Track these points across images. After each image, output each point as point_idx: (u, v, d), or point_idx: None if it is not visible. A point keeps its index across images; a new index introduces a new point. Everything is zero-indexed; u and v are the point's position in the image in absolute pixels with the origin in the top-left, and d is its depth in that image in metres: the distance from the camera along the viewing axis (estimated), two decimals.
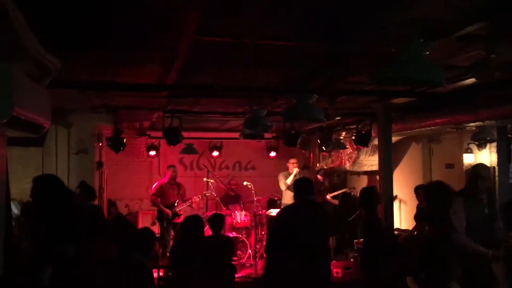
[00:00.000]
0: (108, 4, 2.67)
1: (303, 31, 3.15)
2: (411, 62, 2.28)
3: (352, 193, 9.36)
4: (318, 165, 10.24)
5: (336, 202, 8.93)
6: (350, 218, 8.45)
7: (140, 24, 3.10)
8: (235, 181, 9.98)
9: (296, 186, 4.72)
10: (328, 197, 8.97)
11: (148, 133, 9.81)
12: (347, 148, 8.57)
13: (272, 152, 10.43)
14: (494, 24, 2.89)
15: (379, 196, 5.42)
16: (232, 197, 9.73)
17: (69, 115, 7.26)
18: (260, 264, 7.84)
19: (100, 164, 8.54)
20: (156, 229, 8.47)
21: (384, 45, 2.40)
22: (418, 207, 6.25)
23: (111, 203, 9.52)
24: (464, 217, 4.31)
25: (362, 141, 7.07)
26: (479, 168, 4.65)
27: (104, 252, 4.85)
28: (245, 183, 9.47)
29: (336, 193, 9.03)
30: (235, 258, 8.08)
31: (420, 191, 6.53)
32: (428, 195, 4.76)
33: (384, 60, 2.60)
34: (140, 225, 9.75)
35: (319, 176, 9.34)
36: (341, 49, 3.62)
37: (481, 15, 2.77)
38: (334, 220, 8.94)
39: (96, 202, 7.65)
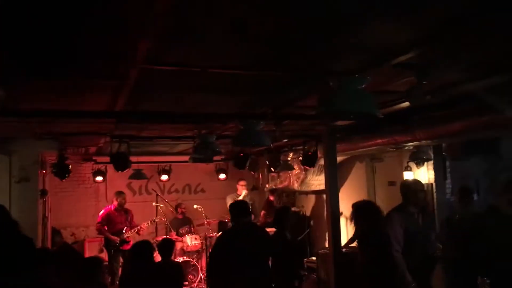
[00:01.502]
0: (52, 33, 2.67)
1: (255, 60, 3.28)
2: (348, 96, 2.45)
3: (301, 213, 9.55)
4: (267, 185, 10.40)
5: None
6: (300, 237, 8.60)
7: (88, 53, 3.11)
8: (184, 205, 9.92)
9: (231, 210, 4.76)
10: None
11: (94, 158, 9.60)
12: (295, 168, 8.77)
13: (221, 174, 10.47)
14: (424, 54, 3.15)
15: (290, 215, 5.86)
16: (181, 221, 9.66)
17: (10, 142, 7.02)
18: None
19: (43, 192, 8.27)
20: (104, 256, 8.26)
21: (325, 77, 2.57)
22: None
23: (56, 232, 9.21)
24: (401, 230, 4.59)
25: (309, 162, 7.28)
26: (407, 184, 5.02)
27: (48, 283, 4.71)
28: (195, 206, 9.47)
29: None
30: (185, 283, 8.01)
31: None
32: (355, 215, 5.04)
33: (324, 93, 2.77)
34: (87, 254, 9.46)
35: (270, 197, 9.48)
36: (287, 77, 3.79)
37: (411, 46, 3.01)
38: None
39: (39, 232, 7.41)
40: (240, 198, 9.33)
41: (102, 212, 8.60)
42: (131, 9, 2.29)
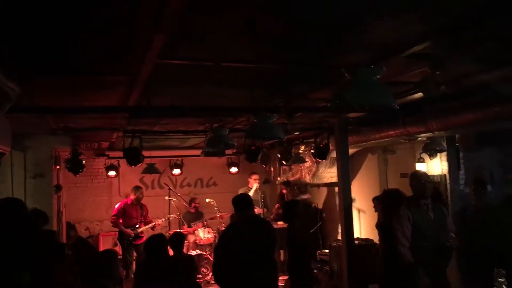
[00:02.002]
0: (67, 28, 2.70)
1: (266, 53, 3.29)
2: (363, 88, 2.44)
3: (313, 206, 9.55)
4: (279, 178, 10.40)
5: None
6: (312, 230, 8.61)
7: (102, 50, 3.14)
8: (198, 199, 9.96)
9: (234, 204, 4.70)
10: None
11: (107, 153, 9.68)
12: (307, 161, 8.76)
13: (233, 167, 10.49)
14: (438, 44, 3.13)
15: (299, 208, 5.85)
16: (194, 215, 9.72)
17: (25, 139, 7.10)
18: None
19: (58, 187, 8.37)
20: (118, 250, 8.34)
21: (338, 70, 2.57)
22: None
23: (71, 227, 9.32)
24: (409, 225, 4.55)
25: (320, 154, 7.27)
26: (413, 175, 5.00)
27: (63, 278, 4.78)
28: (207, 200, 9.51)
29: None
30: (199, 276, 8.06)
31: (376, 201, 6.84)
32: (383, 204, 5.03)
33: (339, 86, 2.77)
34: (102, 247, 9.58)
35: (283, 190, 9.48)
36: (301, 70, 3.79)
37: (426, 36, 2.99)
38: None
39: (54, 226, 7.50)
40: (251, 191, 9.36)
41: (118, 205, 8.65)
42: (146, 5, 2.31)
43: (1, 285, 3.38)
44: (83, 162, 7.38)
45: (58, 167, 8.58)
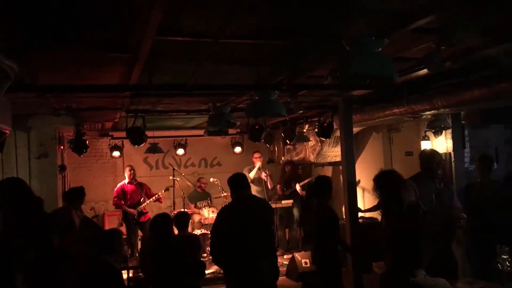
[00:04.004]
0: (66, 3, 2.66)
1: (265, 28, 3.23)
2: (365, 59, 2.40)
3: None
4: (283, 158, 10.40)
5: (303, 193, 9.09)
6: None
7: (101, 25, 3.10)
8: (205, 179, 9.98)
9: (230, 184, 4.58)
10: (297, 187, 9.12)
11: (110, 133, 9.70)
12: (311, 140, 8.73)
13: (237, 147, 10.48)
14: (443, 17, 3.05)
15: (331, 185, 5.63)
16: (200, 195, 9.76)
17: (28, 119, 7.12)
18: None
19: (62, 168, 8.41)
20: (123, 229, 8.42)
21: (340, 42, 2.51)
22: None
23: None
24: (414, 195, 4.55)
25: (324, 133, 7.24)
26: (423, 155, 4.97)
27: (80, 250, 4.83)
28: (211, 179, 9.54)
29: (304, 182, 9.17)
30: (204, 255, 8.13)
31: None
32: (378, 185, 4.99)
33: (340, 56, 2.71)
34: (107, 227, 9.67)
35: (285, 167, 9.47)
36: (302, 45, 3.72)
37: (430, 9, 2.92)
38: (302, 211, 9.14)
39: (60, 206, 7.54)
40: (254, 170, 9.38)
41: (117, 187, 8.77)
42: None
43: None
44: (87, 142, 7.38)
45: (62, 147, 8.60)
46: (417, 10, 2.94)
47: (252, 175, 9.24)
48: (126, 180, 8.79)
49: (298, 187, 9.11)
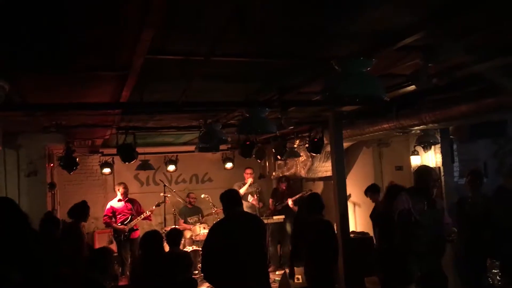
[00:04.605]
0: (57, 24, 2.67)
1: (257, 47, 3.27)
2: (353, 79, 2.43)
3: None
4: (274, 173, 10.40)
5: (296, 208, 9.07)
6: None
7: (92, 45, 3.11)
8: (194, 194, 9.96)
9: (222, 200, 4.54)
10: (289, 202, 9.10)
11: (101, 150, 9.64)
12: (302, 155, 8.76)
13: (228, 163, 10.47)
14: (429, 36, 3.11)
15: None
16: (191, 210, 9.71)
17: (17, 137, 7.08)
18: None
19: (52, 185, 8.34)
20: (113, 247, 8.33)
21: (329, 62, 2.54)
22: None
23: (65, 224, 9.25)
24: (407, 204, 4.48)
25: (315, 149, 7.27)
26: (422, 174, 4.93)
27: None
28: (203, 195, 9.51)
29: (296, 196, 9.16)
30: (195, 272, 8.06)
31: (369, 193, 6.88)
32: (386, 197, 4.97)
33: (329, 77, 2.75)
34: (97, 245, 9.54)
35: (283, 185, 9.43)
36: (291, 63, 3.77)
37: (417, 28, 2.98)
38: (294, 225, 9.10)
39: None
40: (245, 186, 9.36)
41: (108, 206, 8.64)
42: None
43: None
44: (77, 159, 7.35)
45: (52, 164, 8.54)
46: (403, 29, 3.00)
47: (242, 191, 9.22)
48: (117, 198, 8.70)
49: (290, 201, 9.10)
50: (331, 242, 5.27)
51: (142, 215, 8.63)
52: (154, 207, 8.95)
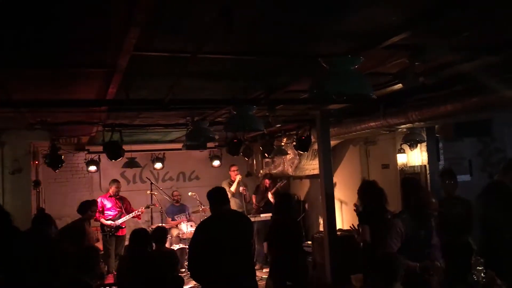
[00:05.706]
0: (43, 20, 2.64)
1: (244, 45, 3.25)
2: (341, 78, 2.43)
3: (296, 197, 9.58)
4: (261, 171, 10.41)
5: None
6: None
7: (77, 41, 3.07)
8: (178, 192, 9.94)
9: (209, 198, 4.48)
10: (269, 196, 9.13)
11: (87, 148, 9.55)
12: (289, 153, 8.78)
13: (215, 161, 10.45)
14: (416, 35, 3.13)
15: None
16: (177, 208, 9.69)
17: (2, 134, 6.99)
18: None
19: (37, 183, 8.25)
20: (99, 245, 8.27)
21: (317, 60, 2.54)
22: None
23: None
24: (399, 240, 4.15)
25: (302, 147, 7.29)
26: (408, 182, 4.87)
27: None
28: (189, 193, 9.48)
29: (274, 188, 9.18)
30: (182, 270, 8.04)
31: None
32: (361, 195, 4.98)
33: (316, 76, 2.75)
34: None
35: (266, 181, 9.46)
36: (279, 61, 3.76)
37: (404, 27, 2.99)
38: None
39: None
40: (234, 184, 9.35)
41: (98, 201, 8.60)
42: None
43: None
44: (62, 157, 7.27)
45: (37, 162, 8.44)
46: (390, 28, 3.01)
47: (233, 188, 9.21)
48: (108, 194, 8.69)
49: (270, 195, 9.13)
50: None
51: (132, 214, 8.60)
52: (143, 208, 8.92)
